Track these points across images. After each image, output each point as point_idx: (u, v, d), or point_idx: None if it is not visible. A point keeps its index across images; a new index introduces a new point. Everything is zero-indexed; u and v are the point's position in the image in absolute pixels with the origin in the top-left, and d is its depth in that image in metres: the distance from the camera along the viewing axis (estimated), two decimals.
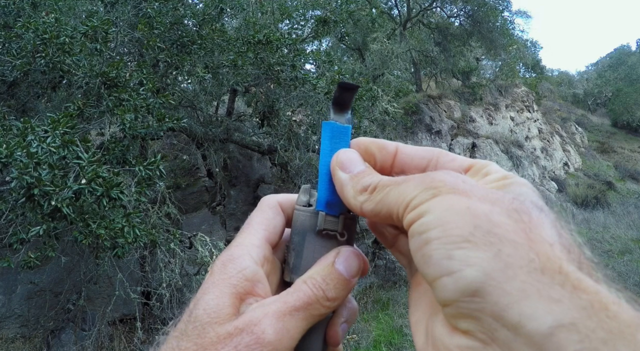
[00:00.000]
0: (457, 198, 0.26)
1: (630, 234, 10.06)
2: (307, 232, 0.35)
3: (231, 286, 0.32)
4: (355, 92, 0.36)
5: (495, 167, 0.33)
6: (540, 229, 0.24)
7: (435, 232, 0.25)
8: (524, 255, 0.22)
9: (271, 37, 4.80)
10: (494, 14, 13.32)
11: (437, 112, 13.29)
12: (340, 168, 0.34)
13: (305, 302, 0.32)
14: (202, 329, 0.30)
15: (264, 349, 0.29)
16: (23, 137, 2.79)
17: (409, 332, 5.11)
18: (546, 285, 0.21)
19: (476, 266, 0.23)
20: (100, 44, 3.49)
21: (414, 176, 0.30)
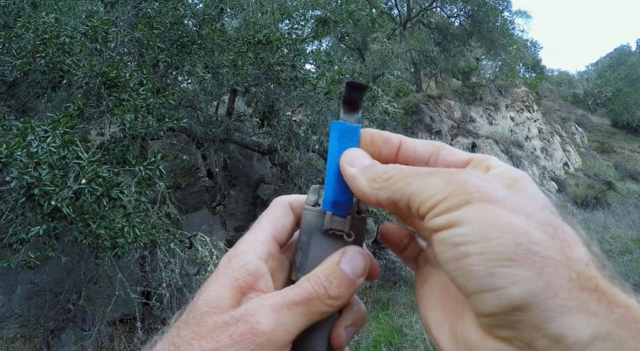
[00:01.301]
0: (494, 210, 0.26)
1: (630, 234, 10.06)
2: (314, 232, 0.35)
3: (233, 280, 0.32)
4: (365, 91, 0.36)
5: (495, 161, 0.33)
6: (574, 247, 0.25)
7: (476, 247, 0.25)
8: (564, 274, 0.24)
9: (271, 37, 4.80)
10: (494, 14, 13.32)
11: (437, 112, 13.29)
12: (349, 164, 0.34)
13: (305, 298, 0.32)
14: (200, 318, 0.30)
15: (257, 339, 0.29)
16: (23, 137, 2.79)
17: (409, 332, 5.11)
18: (584, 301, 0.23)
19: (520, 285, 0.24)
20: (100, 44, 3.49)
21: (439, 170, 0.30)
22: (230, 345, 0.29)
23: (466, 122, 14.02)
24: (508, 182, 0.30)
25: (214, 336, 0.29)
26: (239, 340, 0.29)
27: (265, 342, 0.29)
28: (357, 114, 0.36)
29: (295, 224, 0.38)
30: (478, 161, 0.34)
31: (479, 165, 0.34)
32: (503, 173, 0.31)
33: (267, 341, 0.29)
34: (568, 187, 14.45)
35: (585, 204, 12.93)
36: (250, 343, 0.29)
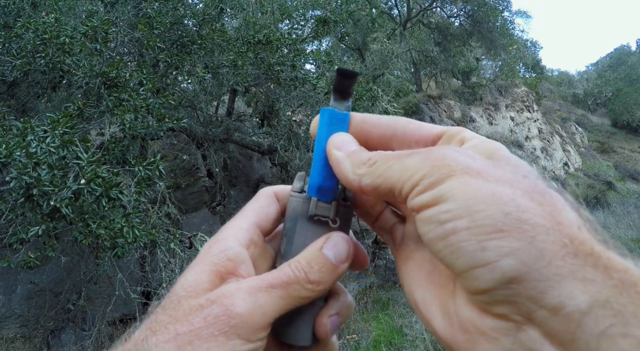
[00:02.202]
0: (477, 182, 0.25)
1: (630, 234, 10.06)
2: (299, 218, 0.35)
3: (211, 264, 0.31)
4: (355, 79, 0.35)
5: (469, 132, 0.32)
6: (564, 211, 0.24)
7: (463, 222, 0.24)
8: (556, 240, 0.23)
9: (271, 37, 4.80)
10: (494, 14, 13.32)
11: (437, 112, 13.29)
12: (336, 148, 0.33)
13: (284, 281, 0.31)
14: (177, 302, 0.30)
15: (232, 321, 0.28)
16: (23, 137, 2.79)
17: (409, 332, 5.11)
18: (580, 267, 0.22)
19: (512, 256, 0.23)
20: (100, 44, 3.49)
21: (417, 150, 0.29)
22: (204, 327, 0.28)
23: (466, 122, 14.02)
24: (486, 153, 0.29)
25: (188, 319, 0.28)
26: (212, 322, 0.28)
27: (239, 324, 0.28)
28: (347, 102, 0.36)
29: (281, 214, 0.37)
30: (451, 134, 0.33)
31: (452, 138, 0.32)
32: (480, 145, 0.30)
33: (242, 323, 0.29)
34: (568, 187, 14.45)
35: (585, 204, 12.93)
36: (224, 324, 0.28)
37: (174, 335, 0.28)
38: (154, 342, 0.28)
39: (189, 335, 0.28)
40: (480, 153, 0.29)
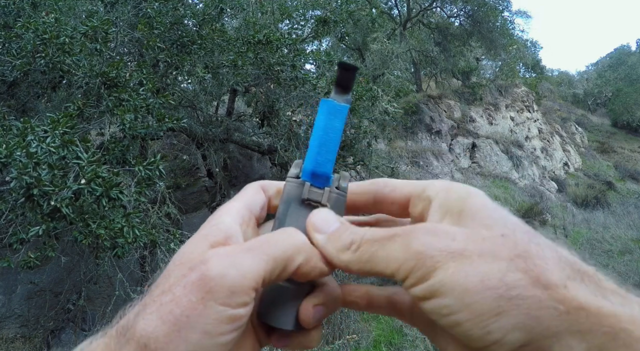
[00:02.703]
0: (463, 270, 0.27)
1: (630, 234, 10.06)
2: (292, 202, 0.36)
3: (203, 236, 0.32)
4: (355, 72, 0.37)
5: (432, 189, 0.33)
6: (548, 271, 0.26)
7: (463, 315, 0.27)
8: (549, 306, 0.25)
9: (271, 37, 4.80)
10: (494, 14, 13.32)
11: (437, 112, 13.28)
12: (315, 230, 0.34)
13: (272, 236, 0.32)
14: (167, 275, 0.30)
15: (207, 285, 0.28)
16: (23, 137, 2.79)
17: (409, 332, 5.11)
18: (574, 322, 0.25)
19: (515, 330, 0.26)
20: (100, 44, 3.49)
21: (395, 234, 0.30)
22: (183, 295, 0.28)
23: (466, 122, 14.01)
24: (454, 211, 0.31)
25: (172, 289, 0.29)
26: (190, 289, 0.28)
27: (215, 287, 0.28)
28: (347, 96, 0.37)
29: (268, 205, 0.38)
30: (417, 196, 0.34)
31: (419, 202, 0.34)
32: (446, 203, 0.32)
33: (218, 286, 0.28)
34: (568, 187, 14.45)
35: (585, 204, 12.93)
36: (200, 290, 0.28)
37: (158, 305, 0.28)
38: (142, 315, 0.28)
39: (170, 304, 0.28)
40: (449, 214, 0.31)
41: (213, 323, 0.28)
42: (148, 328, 0.28)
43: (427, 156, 11.75)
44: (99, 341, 0.30)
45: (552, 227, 10.27)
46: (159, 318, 0.28)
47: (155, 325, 0.28)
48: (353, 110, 5.28)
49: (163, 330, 0.27)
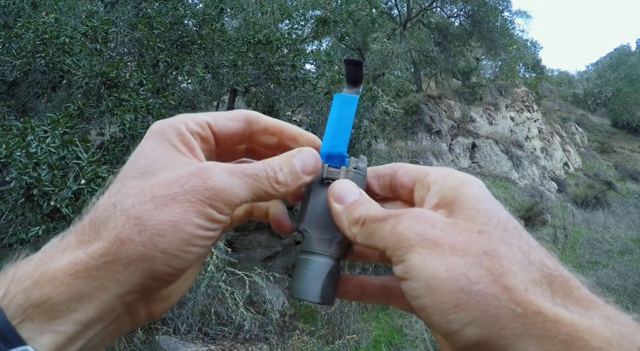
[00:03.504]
0: (433, 259, 0.28)
1: (630, 234, 10.06)
2: (314, 183, 0.39)
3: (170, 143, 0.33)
4: (361, 66, 0.41)
5: (433, 175, 0.35)
6: (511, 274, 0.27)
7: (427, 300, 0.28)
8: (507, 306, 0.26)
9: (271, 37, 4.80)
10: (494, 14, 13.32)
11: (437, 112, 13.28)
12: (335, 200, 0.36)
13: (255, 173, 0.34)
14: (152, 173, 0.32)
15: (207, 192, 0.31)
16: (23, 137, 2.79)
17: (409, 332, 5.11)
18: (531, 326, 0.26)
19: (472, 324, 0.26)
20: (100, 44, 3.49)
21: (390, 216, 0.32)
22: (181, 193, 0.30)
23: (466, 122, 14.01)
24: (447, 200, 0.32)
25: (166, 186, 0.31)
26: (190, 190, 0.31)
27: (213, 196, 0.31)
28: (357, 88, 0.42)
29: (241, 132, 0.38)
30: (420, 181, 0.36)
31: (420, 188, 0.36)
32: (441, 190, 0.33)
33: (216, 196, 0.31)
34: (568, 187, 14.45)
35: (585, 204, 12.93)
36: (200, 194, 0.31)
37: (151, 197, 0.30)
38: (130, 203, 0.30)
39: (166, 198, 0.30)
40: (443, 202, 0.32)
41: (205, 218, 0.31)
42: (141, 210, 0.30)
43: (427, 156, 11.74)
44: (69, 236, 0.31)
45: (552, 227, 10.27)
46: (154, 208, 0.30)
47: (149, 211, 0.30)
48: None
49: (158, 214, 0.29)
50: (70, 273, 0.28)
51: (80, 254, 0.29)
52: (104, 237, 0.29)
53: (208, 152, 0.37)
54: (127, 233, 0.29)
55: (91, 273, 0.28)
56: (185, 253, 0.30)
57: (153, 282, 0.30)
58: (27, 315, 0.27)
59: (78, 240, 0.30)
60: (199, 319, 4.21)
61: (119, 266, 0.29)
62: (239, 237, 5.72)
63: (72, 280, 0.28)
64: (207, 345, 3.98)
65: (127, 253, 0.29)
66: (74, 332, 0.28)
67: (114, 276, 0.29)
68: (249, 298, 4.29)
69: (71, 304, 0.28)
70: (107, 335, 0.31)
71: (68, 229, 0.32)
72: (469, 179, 0.33)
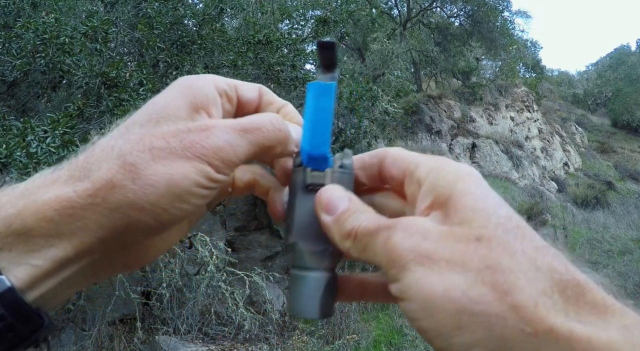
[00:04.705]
0: (429, 277, 0.26)
1: (630, 234, 10.06)
2: (298, 190, 0.35)
3: (190, 95, 0.33)
4: (334, 48, 0.36)
5: (422, 170, 0.32)
6: (518, 289, 0.24)
7: (426, 323, 0.26)
8: (515, 326, 0.24)
9: (271, 37, 4.80)
10: (494, 14, 13.33)
11: (437, 112, 13.29)
12: (324, 210, 0.33)
13: (255, 126, 0.33)
14: (156, 122, 0.31)
15: (206, 150, 0.30)
16: (23, 137, 2.79)
17: (409, 332, 5.11)
18: (542, 345, 0.23)
19: (477, 348, 0.24)
20: (100, 44, 3.49)
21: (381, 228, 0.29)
22: (180, 148, 0.29)
23: (466, 122, 14.02)
24: (441, 199, 0.29)
25: (166, 138, 0.30)
26: (189, 145, 0.30)
27: (212, 154, 0.30)
28: (333, 73, 0.37)
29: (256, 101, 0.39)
30: (410, 174, 0.33)
31: (410, 183, 0.33)
32: (434, 188, 0.30)
33: (215, 153, 0.30)
34: (568, 187, 14.45)
35: (585, 204, 12.93)
36: (198, 150, 0.30)
37: (150, 147, 0.29)
38: (128, 149, 0.29)
39: (164, 150, 0.29)
40: (436, 202, 0.29)
41: (202, 175, 0.30)
42: (138, 158, 0.29)
43: None
44: (61, 171, 0.30)
45: (552, 227, 10.27)
46: (152, 159, 0.29)
47: (147, 160, 0.29)
48: (353, 110, 5.28)
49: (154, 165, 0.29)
50: (55, 208, 0.27)
51: (69, 190, 0.28)
52: (95, 177, 0.28)
53: (228, 114, 0.36)
54: (120, 178, 0.28)
55: (76, 211, 0.27)
56: (174, 209, 0.29)
57: (136, 233, 0.29)
58: (6, 244, 0.27)
59: (69, 175, 0.29)
60: (199, 319, 4.21)
61: (105, 210, 0.28)
62: (239, 237, 5.73)
63: (56, 216, 0.27)
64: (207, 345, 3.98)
65: (116, 199, 0.28)
66: (49, 269, 0.27)
67: (98, 219, 0.28)
68: (249, 298, 4.29)
69: (51, 239, 0.27)
70: (82, 277, 0.30)
71: (61, 163, 0.31)
72: (464, 171, 0.30)
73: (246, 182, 0.39)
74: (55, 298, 0.29)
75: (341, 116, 5.44)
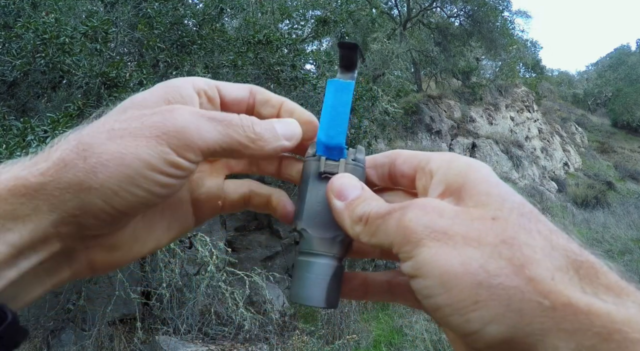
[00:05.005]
0: (445, 252, 0.26)
1: (630, 234, 10.06)
2: (310, 177, 0.36)
3: (164, 93, 0.33)
4: (356, 50, 0.38)
5: (435, 162, 0.32)
6: (535, 262, 0.24)
7: (442, 299, 0.26)
8: (532, 299, 0.23)
9: (271, 37, 4.80)
10: (494, 14, 13.32)
11: (437, 112, 13.28)
12: (336, 196, 0.33)
13: (228, 119, 0.32)
14: (122, 111, 0.31)
15: (166, 129, 0.29)
16: (23, 137, 2.79)
17: (409, 332, 5.11)
18: (561, 319, 0.23)
19: (495, 322, 0.24)
20: (100, 44, 3.49)
21: (394, 209, 0.30)
22: (139, 128, 0.29)
23: (466, 122, 14.01)
24: (454, 187, 0.29)
25: (127, 121, 0.29)
26: (149, 126, 0.29)
27: (173, 134, 0.29)
28: (353, 73, 0.38)
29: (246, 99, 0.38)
30: (421, 169, 0.33)
31: (422, 175, 0.33)
32: (446, 177, 0.30)
33: (176, 134, 0.29)
34: (568, 187, 14.45)
35: (585, 204, 12.93)
36: (158, 130, 0.29)
37: (109, 128, 0.29)
38: (87, 131, 0.29)
39: (123, 131, 0.28)
40: (449, 189, 0.30)
41: (158, 157, 0.28)
42: (94, 138, 0.28)
43: None
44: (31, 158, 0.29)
45: None
46: (108, 139, 0.28)
47: (102, 140, 0.28)
48: (353, 110, 5.28)
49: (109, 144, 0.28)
50: (9, 189, 0.27)
51: (24, 171, 0.28)
52: (52, 158, 0.28)
53: None
54: (72, 156, 0.28)
55: (28, 192, 0.27)
56: (126, 193, 0.28)
57: (89, 218, 0.28)
58: None
59: (33, 161, 0.29)
60: (199, 319, 4.21)
61: (56, 190, 0.27)
62: (239, 237, 5.72)
63: (10, 196, 0.27)
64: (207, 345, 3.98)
65: (66, 178, 0.27)
66: (6, 254, 0.26)
67: (48, 199, 0.27)
68: (249, 298, 4.29)
69: (6, 223, 0.26)
70: (45, 273, 0.29)
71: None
72: (476, 163, 0.31)
73: (241, 194, 0.38)
74: (18, 297, 0.28)
75: None
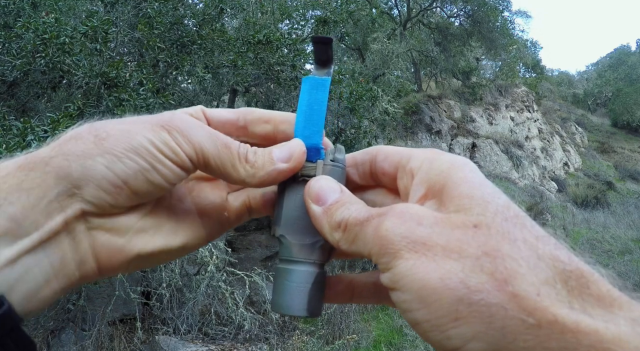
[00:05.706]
0: (424, 265, 0.24)
1: (630, 234, 10.06)
2: (288, 181, 0.35)
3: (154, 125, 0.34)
4: (330, 44, 0.36)
5: (416, 160, 0.31)
6: (519, 277, 0.23)
7: (420, 314, 0.24)
8: (516, 316, 0.22)
9: (271, 37, 4.80)
10: (494, 14, 13.31)
11: (437, 112, 13.28)
12: (314, 200, 0.31)
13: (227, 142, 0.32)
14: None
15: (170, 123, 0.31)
16: (23, 137, 2.79)
17: (409, 332, 5.11)
18: (545, 338, 0.22)
19: (476, 340, 0.23)
20: (100, 44, 3.49)
21: (372, 216, 0.28)
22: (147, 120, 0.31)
23: (466, 122, 14.01)
24: (435, 188, 0.28)
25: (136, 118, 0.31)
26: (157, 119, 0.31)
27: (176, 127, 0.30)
28: (328, 69, 0.36)
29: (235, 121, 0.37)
30: (402, 167, 0.32)
31: (403, 175, 0.32)
32: (428, 177, 0.29)
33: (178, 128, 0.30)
34: (568, 187, 14.44)
35: (585, 204, 12.93)
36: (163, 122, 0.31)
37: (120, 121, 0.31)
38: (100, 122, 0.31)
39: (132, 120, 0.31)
40: (431, 191, 0.28)
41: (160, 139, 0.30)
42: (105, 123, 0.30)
43: None
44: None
45: (552, 227, 10.27)
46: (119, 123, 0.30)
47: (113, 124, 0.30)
48: (353, 110, 5.28)
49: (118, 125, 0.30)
50: (19, 165, 0.27)
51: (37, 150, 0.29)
52: (63, 137, 0.30)
53: None
54: (83, 134, 0.29)
55: (37, 165, 0.27)
56: (127, 160, 0.28)
57: (91, 188, 0.28)
58: None
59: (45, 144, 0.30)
60: (199, 319, 4.21)
61: (64, 161, 0.27)
62: (239, 237, 5.72)
63: (18, 171, 0.27)
64: (207, 345, 3.98)
65: (75, 149, 0.28)
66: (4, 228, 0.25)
67: (55, 170, 0.27)
68: (249, 298, 4.29)
69: (9, 196, 0.26)
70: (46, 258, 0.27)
71: None
72: (459, 161, 0.29)
73: (242, 201, 0.38)
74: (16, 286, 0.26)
75: (341, 116, 5.44)
